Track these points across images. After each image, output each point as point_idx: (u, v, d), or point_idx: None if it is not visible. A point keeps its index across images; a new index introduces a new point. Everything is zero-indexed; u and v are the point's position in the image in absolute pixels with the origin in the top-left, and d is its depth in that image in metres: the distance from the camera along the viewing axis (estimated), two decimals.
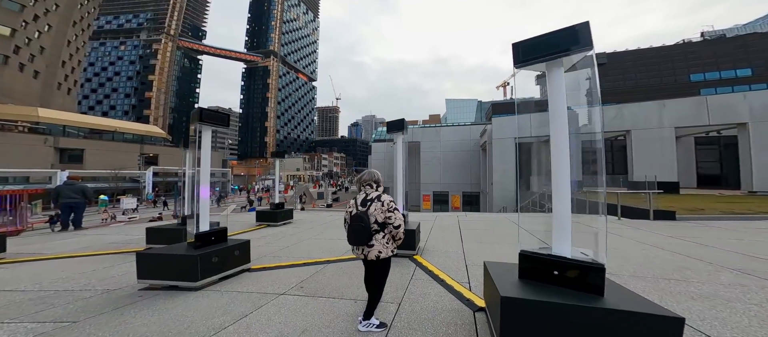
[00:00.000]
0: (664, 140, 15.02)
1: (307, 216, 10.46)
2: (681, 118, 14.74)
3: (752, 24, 70.72)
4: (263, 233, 6.75)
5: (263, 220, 7.93)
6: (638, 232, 5.49)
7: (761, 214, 6.75)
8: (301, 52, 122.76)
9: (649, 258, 3.81)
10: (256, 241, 5.82)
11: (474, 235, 5.79)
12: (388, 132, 4.82)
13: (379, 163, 42.16)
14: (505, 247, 4.65)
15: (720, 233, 5.19)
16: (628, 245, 4.57)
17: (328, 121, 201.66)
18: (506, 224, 7.14)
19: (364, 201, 2.12)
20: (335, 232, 6.75)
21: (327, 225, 7.96)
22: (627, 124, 15.77)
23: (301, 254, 4.74)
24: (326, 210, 25.23)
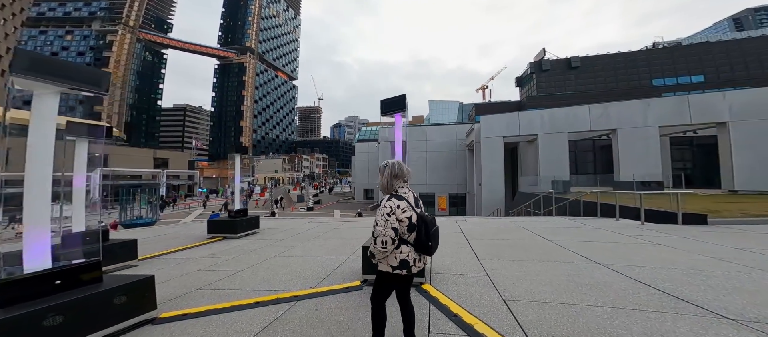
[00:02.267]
0: (649, 139, 15.12)
1: (278, 224, 8.76)
2: (664, 117, 14.93)
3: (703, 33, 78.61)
4: (212, 250, 5.09)
5: (217, 231, 6.22)
6: (686, 242, 4.56)
7: None
8: (280, 50, 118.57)
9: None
10: (193, 263, 4.18)
11: (488, 248, 4.59)
12: (385, 112, 3.50)
13: (363, 165, 40.65)
14: (539, 266, 3.47)
15: None
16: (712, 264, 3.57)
17: (310, 121, 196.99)
18: (518, 231, 6.04)
19: (417, 200, 1.74)
20: (313, 246, 5.28)
21: (302, 236, 6.44)
22: (613, 123, 15.75)
23: (258, 283, 3.25)
24: (305, 216, 23.34)
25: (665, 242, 4.39)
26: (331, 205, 38.33)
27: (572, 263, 3.40)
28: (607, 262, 3.35)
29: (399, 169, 1.68)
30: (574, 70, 52.86)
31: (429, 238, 1.56)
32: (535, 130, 16.90)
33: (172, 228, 8.61)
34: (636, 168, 14.72)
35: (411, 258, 1.58)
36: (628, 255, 3.63)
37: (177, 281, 3.43)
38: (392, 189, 1.66)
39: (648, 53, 50.42)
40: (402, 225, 1.55)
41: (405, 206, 1.59)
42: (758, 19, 78.92)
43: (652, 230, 5.37)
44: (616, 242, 4.44)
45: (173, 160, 43.97)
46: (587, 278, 2.81)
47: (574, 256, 3.71)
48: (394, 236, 1.51)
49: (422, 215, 1.62)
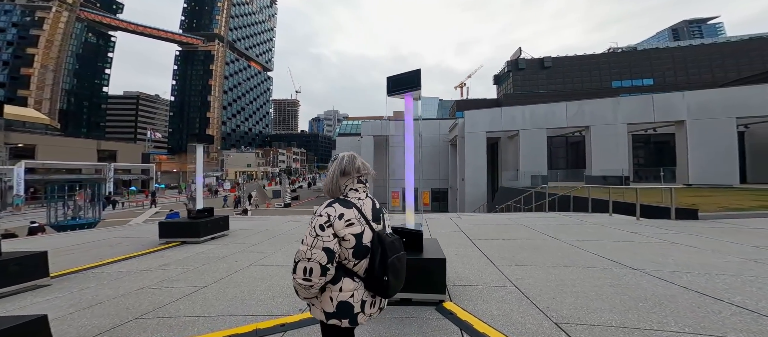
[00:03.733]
0: (618, 136, 16.10)
1: (252, 224, 7.69)
2: (632, 115, 15.96)
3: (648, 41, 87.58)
4: (165, 260, 4.05)
5: (174, 235, 5.09)
6: (702, 239, 4.46)
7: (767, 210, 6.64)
8: (254, 39, 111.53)
9: None
10: (135, 278, 3.18)
11: (498, 250, 4.13)
12: (393, 92, 2.81)
13: None
14: (569, 274, 3.05)
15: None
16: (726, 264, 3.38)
17: (287, 114, 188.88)
18: (519, 229, 5.73)
19: (377, 211, 1.15)
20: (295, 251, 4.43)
21: (282, 238, 5.56)
22: (587, 120, 16.54)
23: (228, 305, 2.44)
24: (283, 213, 21.85)
25: (680, 240, 4.26)
26: (311, 200, 36.72)
27: (603, 268, 3.03)
28: (640, 266, 3.02)
29: (349, 163, 1.14)
30: (546, 70, 56.01)
31: (385, 269, 0.99)
32: (516, 125, 17.24)
33: (116, 231, 7.14)
34: (606, 163, 15.64)
35: (357, 300, 1.01)
36: (654, 257, 3.35)
37: (106, 308, 2.47)
38: (339, 192, 1.14)
39: (608, 57, 54.89)
40: (345, 246, 1.00)
41: (352, 217, 1.03)
42: (691, 31, 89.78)
43: (652, 227, 5.33)
44: (630, 242, 4.23)
45: (123, 153, 39.04)
46: (637, 289, 2.41)
47: (599, 259, 3.35)
48: (326, 263, 0.95)
49: (381, 233, 1.06)
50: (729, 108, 14.56)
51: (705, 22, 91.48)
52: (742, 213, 6.17)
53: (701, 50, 51.22)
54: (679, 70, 50.48)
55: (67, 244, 5.44)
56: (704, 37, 79.14)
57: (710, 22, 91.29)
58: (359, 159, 1.17)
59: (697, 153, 14.67)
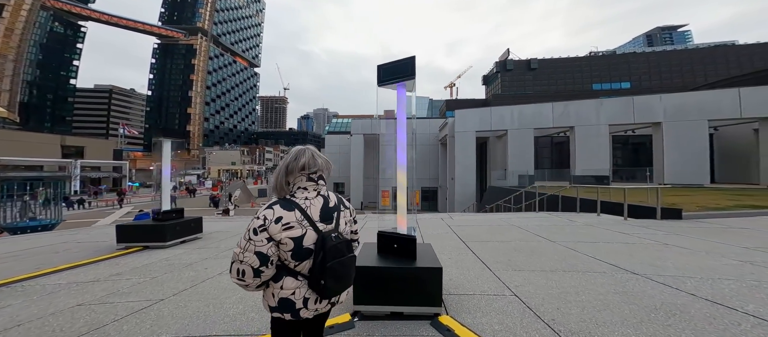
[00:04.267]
0: (600, 137, 16.60)
1: (231, 225, 7.15)
2: (613, 116, 16.50)
3: (624, 46, 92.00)
4: (119, 268, 3.56)
5: (135, 239, 4.55)
6: (692, 240, 4.46)
7: (744, 209, 6.88)
8: (240, 34, 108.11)
9: None
10: (76, 292, 2.70)
11: (493, 253, 3.95)
12: (384, 82, 2.53)
13: (333, 158, 38.70)
14: (570, 280, 2.88)
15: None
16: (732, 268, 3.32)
17: (275, 112, 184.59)
18: (512, 230, 5.61)
19: (328, 211, 1.08)
20: None
21: None
22: (572, 120, 16.95)
23: (187, 323, 2.10)
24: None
25: (671, 241, 4.23)
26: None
27: (603, 273, 2.88)
28: (641, 270, 2.90)
29: (294, 160, 1.06)
30: (533, 71, 57.57)
31: (323, 272, 0.97)
32: (505, 125, 17.43)
33: (72, 234, 6.41)
34: (589, 163, 16.10)
35: (299, 297, 1.01)
36: (651, 260, 3.26)
37: (24, 332, 2.02)
38: (284, 191, 1.08)
39: (590, 60, 57.11)
40: (283, 248, 0.99)
41: (291, 220, 0.99)
42: (663, 37, 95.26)
43: (641, 227, 5.34)
44: (623, 243, 4.16)
45: (91, 149, 36.43)
46: (643, 297, 2.25)
47: (597, 263, 3.22)
48: (259, 266, 0.97)
49: (325, 236, 1.00)
50: (702, 111, 15.34)
51: (675, 30, 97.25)
52: (721, 213, 6.36)
53: (673, 55, 54.37)
54: (654, 74, 53.34)
55: (3, 251, 4.78)
56: (675, 44, 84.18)
57: (680, 30, 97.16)
58: (308, 155, 1.08)
59: (673, 154, 15.36)
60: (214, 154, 71.44)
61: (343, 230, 1.09)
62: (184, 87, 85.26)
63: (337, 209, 1.10)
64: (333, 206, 1.10)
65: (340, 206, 1.12)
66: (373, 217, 8.47)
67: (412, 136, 2.79)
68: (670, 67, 52.93)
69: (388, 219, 8.01)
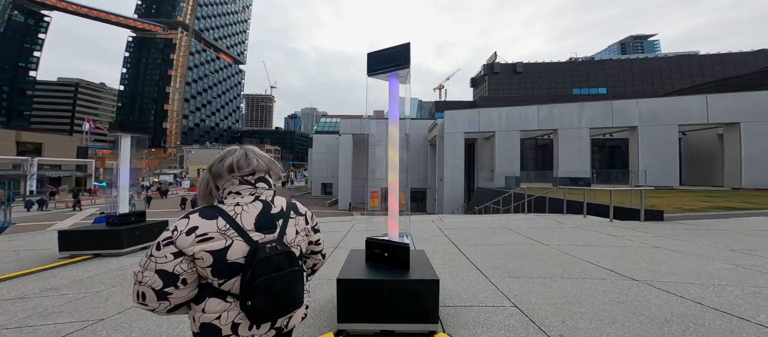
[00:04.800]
0: (582, 140, 17.22)
1: None
2: (594, 119, 17.16)
3: (600, 53, 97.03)
4: (55, 282, 3.04)
5: (83, 246, 3.97)
6: (681, 243, 4.48)
7: (716, 210, 7.18)
8: (225, 29, 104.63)
9: None
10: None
11: (487, 258, 3.78)
12: (374, 71, 2.27)
13: (321, 158, 37.97)
14: (569, 288, 2.74)
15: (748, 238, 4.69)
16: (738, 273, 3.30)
17: (260, 110, 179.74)
18: (504, 233, 5.51)
19: (269, 218, 0.89)
20: None
21: None
22: (556, 123, 17.47)
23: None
24: None
25: (661, 244, 4.25)
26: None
27: (602, 279, 2.77)
28: (640, 276, 2.81)
29: (219, 161, 0.89)
30: (519, 75, 59.42)
31: (250, 292, 0.77)
32: (492, 127, 17.69)
33: (11, 241, 5.62)
34: (571, 165, 16.63)
35: (226, 323, 0.81)
36: (647, 265, 3.20)
37: None
38: (211, 198, 0.91)
39: (570, 65, 59.78)
40: (199, 264, 0.80)
41: (211, 230, 0.80)
42: (635, 46, 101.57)
43: (628, 229, 5.40)
44: (615, 246, 4.13)
45: (52, 146, 33.59)
46: (650, 306, 2.13)
47: (594, 268, 3.12)
48: (162, 288, 0.77)
49: (257, 247, 0.81)
50: (673, 116, 16.27)
51: (646, 39, 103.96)
52: (697, 214, 6.61)
53: (644, 63, 58.03)
54: (628, 80, 56.62)
55: None
56: (645, 52, 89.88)
57: (650, 39, 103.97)
58: (238, 154, 0.90)
59: (647, 156, 16.17)
60: (193, 152, 68.16)
61: (291, 241, 0.89)
62: (162, 83, 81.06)
63: (284, 216, 0.91)
64: (277, 212, 0.90)
65: (288, 212, 0.93)
66: (361, 219, 8.17)
67: (406, 135, 2.54)
68: (641, 73, 56.43)
69: (377, 222, 7.62)
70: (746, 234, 4.75)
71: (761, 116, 14.77)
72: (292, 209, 0.94)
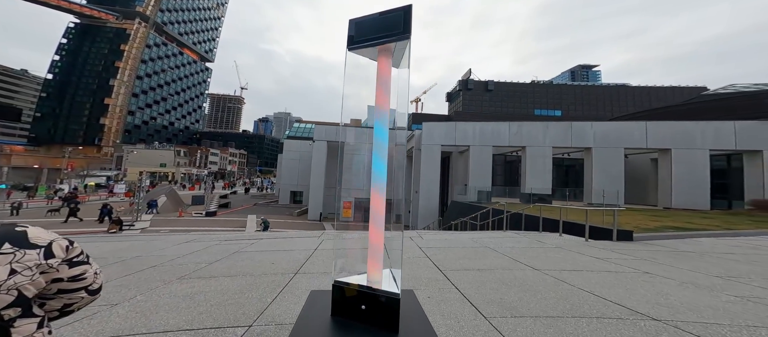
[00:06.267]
0: (546, 158, 18.36)
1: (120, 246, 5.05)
2: (556, 139, 18.48)
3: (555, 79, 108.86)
4: None
5: None
6: (654, 265, 4.44)
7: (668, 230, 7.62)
8: (193, 25, 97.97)
9: None
10: None
11: (479, 288, 3.23)
12: (357, 43, 1.50)
13: (292, 164, 35.76)
14: (583, 329, 2.26)
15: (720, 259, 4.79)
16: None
17: (228, 111, 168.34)
18: (490, 255, 5.08)
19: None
20: (173, 298, 2.50)
21: (155, 272, 3.47)
22: (524, 141, 18.46)
23: None
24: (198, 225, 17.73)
25: (646, 268, 4.11)
26: (247, 209, 31.71)
27: (621, 320, 2.34)
28: (656, 314, 2.45)
29: None
30: (490, 92, 63.72)
31: None
32: (467, 141, 18.09)
33: None
34: (536, 182, 17.56)
35: None
36: (654, 297, 2.91)
37: None
38: None
39: (533, 87, 65.97)
40: None
41: None
42: (582, 74, 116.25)
43: (606, 250, 5.34)
44: (607, 271, 3.89)
45: None
46: None
47: (602, 303, 2.72)
48: None
49: None
50: (619, 139, 18.18)
51: (591, 69, 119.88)
52: (658, 234, 6.96)
53: (591, 90, 66.55)
54: (578, 104, 64.11)
55: None
56: (589, 80, 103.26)
57: (594, 69, 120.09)
58: None
59: (599, 176, 17.73)
60: (135, 152, 60.00)
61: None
62: (106, 74, 71.71)
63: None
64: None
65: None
66: (331, 234, 7.23)
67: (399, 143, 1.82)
68: (588, 99, 64.44)
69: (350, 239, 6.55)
70: (714, 257, 4.91)
71: (688, 144, 17.15)
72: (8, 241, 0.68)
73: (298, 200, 36.37)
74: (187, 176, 67.43)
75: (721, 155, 17.61)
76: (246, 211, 30.28)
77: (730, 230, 7.67)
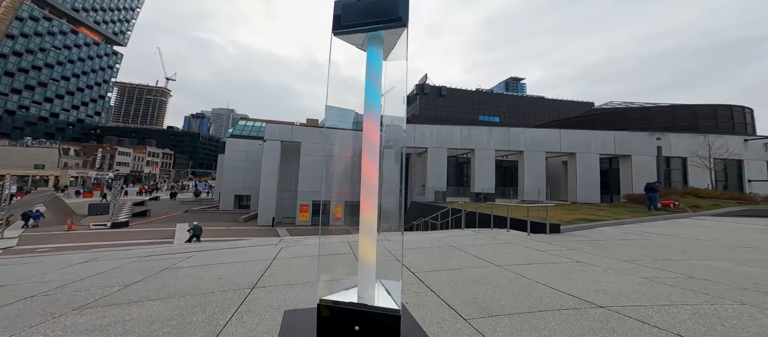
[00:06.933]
0: (490, 160, 20.70)
1: None
2: (498, 142, 21.00)
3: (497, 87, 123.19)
4: None
5: None
6: (582, 254, 5.31)
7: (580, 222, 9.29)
8: (97, 1, 78.45)
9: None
10: None
11: (451, 288, 3.36)
12: (344, 28, 1.22)
13: (237, 165, 31.82)
14: (553, 323, 2.56)
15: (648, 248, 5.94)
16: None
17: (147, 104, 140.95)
18: (457, 254, 5.40)
19: None
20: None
21: (31, 310, 2.61)
22: (473, 144, 20.43)
23: None
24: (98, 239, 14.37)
25: (577, 257, 4.89)
26: (174, 217, 27.06)
27: (577, 310, 2.72)
28: (598, 301, 2.91)
29: None
30: (443, 97, 68.43)
31: None
32: (426, 143, 19.08)
33: None
34: (483, 182, 19.67)
35: None
36: (593, 285, 3.47)
37: None
38: None
39: (478, 94, 73.57)
40: None
41: None
42: (513, 86, 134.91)
43: (544, 242, 6.21)
44: (550, 262, 4.51)
45: None
46: None
47: (556, 294, 3.12)
48: None
49: None
50: (542, 144, 21.72)
51: (519, 81, 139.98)
52: (575, 226, 8.45)
53: (519, 100, 78.12)
54: (511, 112, 74.49)
55: None
56: (518, 91, 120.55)
57: (521, 82, 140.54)
58: None
59: (528, 176, 20.88)
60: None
61: None
62: None
63: None
64: None
65: None
66: (291, 241, 6.69)
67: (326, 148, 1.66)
68: (518, 108, 75.49)
69: (311, 246, 6.19)
70: (615, 243, 6.21)
71: (586, 149, 21.52)
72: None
73: (245, 205, 32.82)
74: (80, 180, 53.89)
75: (605, 159, 22.65)
76: (175, 219, 25.81)
77: (618, 220, 9.77)
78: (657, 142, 19.23)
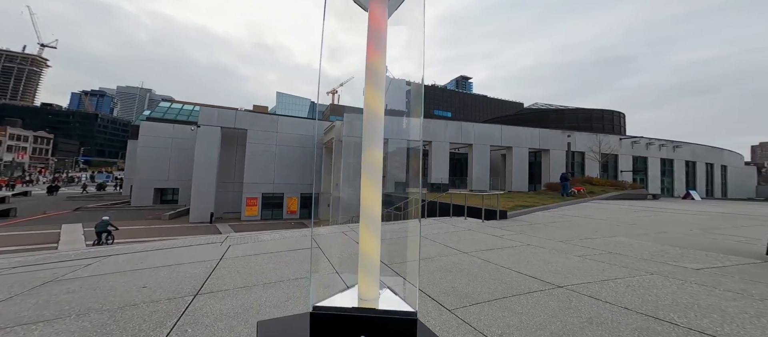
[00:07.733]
0: (445, 152, 22.04)
1: None
2: (452, 136, 22.44)
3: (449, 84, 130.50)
4: None
5: None
6: (529, 237, 5.94)
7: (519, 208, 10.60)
8: None
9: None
10: None
11: (428, 277, 3.37)
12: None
13: (156, 153, 26.59)
14: (525, 306, 2.74)
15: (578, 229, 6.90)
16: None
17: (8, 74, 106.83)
18: (423, 243, 5.52)
19: None
20: None
21: None
22: (430, 136, 21.38)
23: None
24: None
25: (528, 241, 5.47)
26: (59, 216, 21.70)
27: (542, 291, 2.99)
28: (555, 280, 3.27)
29: None
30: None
31: None
32: (387, 134, 19.08)
33: None
34: (438, 173, 20.92)
35: None
36: (544, 265, 3.89)
37: None
38: None
39: (433, 89, 76.95)
40: None
41: None
42: (463, 84, 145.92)
43: (497, 228, 6.84)
44: (508, 247, 4.95)
45: None
46: (609, 324, 2.35)
47: (523, 278, 3.41)
48: None
49: None
50: (487, 138, 24.11)
51: (468, 80, 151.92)
52: (517, 211, 9.62)
53: (468, 97, 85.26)
54: (461, 108, 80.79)
55: None
56: (467, 89, 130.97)
57: (469, 80, 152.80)
58: None
59: (476, 167, 23.06)
60: None
61: None
62: None
63: None
64: None
65: None
66: (237, 237, 5.95)
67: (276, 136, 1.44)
68: (467, 104, 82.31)
69: (267, 241, 5.58)
70: (550, 226, 7.26)
71: (519, 144, 24.76)
72: None
73: (170, 200, 28.06)
74: None
75: (532, 152, 26.54)
76: (59, 220, 20.67)
77: (545, 205, 11.48)
78: (567, 139, 23.48)
